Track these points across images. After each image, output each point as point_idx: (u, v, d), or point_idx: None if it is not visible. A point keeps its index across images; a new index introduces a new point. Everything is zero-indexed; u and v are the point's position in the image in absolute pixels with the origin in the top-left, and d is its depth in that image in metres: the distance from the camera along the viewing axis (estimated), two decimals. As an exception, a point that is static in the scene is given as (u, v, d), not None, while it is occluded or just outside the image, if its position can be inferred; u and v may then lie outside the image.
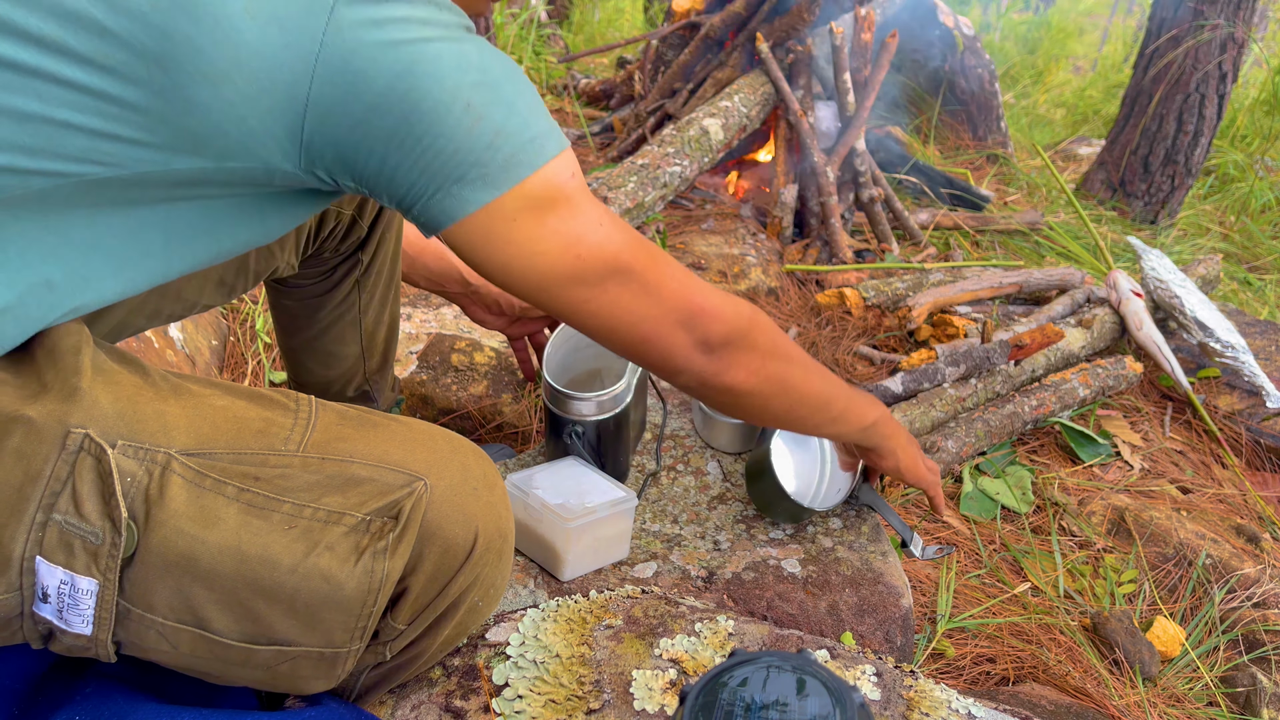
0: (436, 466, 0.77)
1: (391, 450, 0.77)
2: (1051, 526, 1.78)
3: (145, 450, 0.70)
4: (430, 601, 0.81)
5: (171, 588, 0.70)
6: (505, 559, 0.85)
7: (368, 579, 0.73)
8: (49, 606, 0.69)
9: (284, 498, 0.72)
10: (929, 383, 2.02)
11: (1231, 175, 4.33)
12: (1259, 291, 3.42)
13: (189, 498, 0.70)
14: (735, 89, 2.88)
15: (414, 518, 0.74)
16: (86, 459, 0.68)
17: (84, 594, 0.69)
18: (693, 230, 2.76)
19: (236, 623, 0.72)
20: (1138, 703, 1.38)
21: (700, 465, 1.44)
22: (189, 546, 0.69)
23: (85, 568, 0.68)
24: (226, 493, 0.71)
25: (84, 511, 0.68)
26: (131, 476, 0.69)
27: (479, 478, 0.80)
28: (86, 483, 0.68)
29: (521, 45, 4.31)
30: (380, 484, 0.74)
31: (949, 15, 3.96)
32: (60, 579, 0.68)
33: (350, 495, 0.73)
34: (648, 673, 0.97)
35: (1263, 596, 1.60)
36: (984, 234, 3.28)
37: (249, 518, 0.71)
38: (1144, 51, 3.86)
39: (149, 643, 0.73)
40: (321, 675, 0.78)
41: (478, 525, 0.79)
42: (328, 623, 0.73)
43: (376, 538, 0.73)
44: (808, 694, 0.71)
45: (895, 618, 1.20)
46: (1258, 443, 2.17)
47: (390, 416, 0.81)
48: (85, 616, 0.70)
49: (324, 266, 1.23)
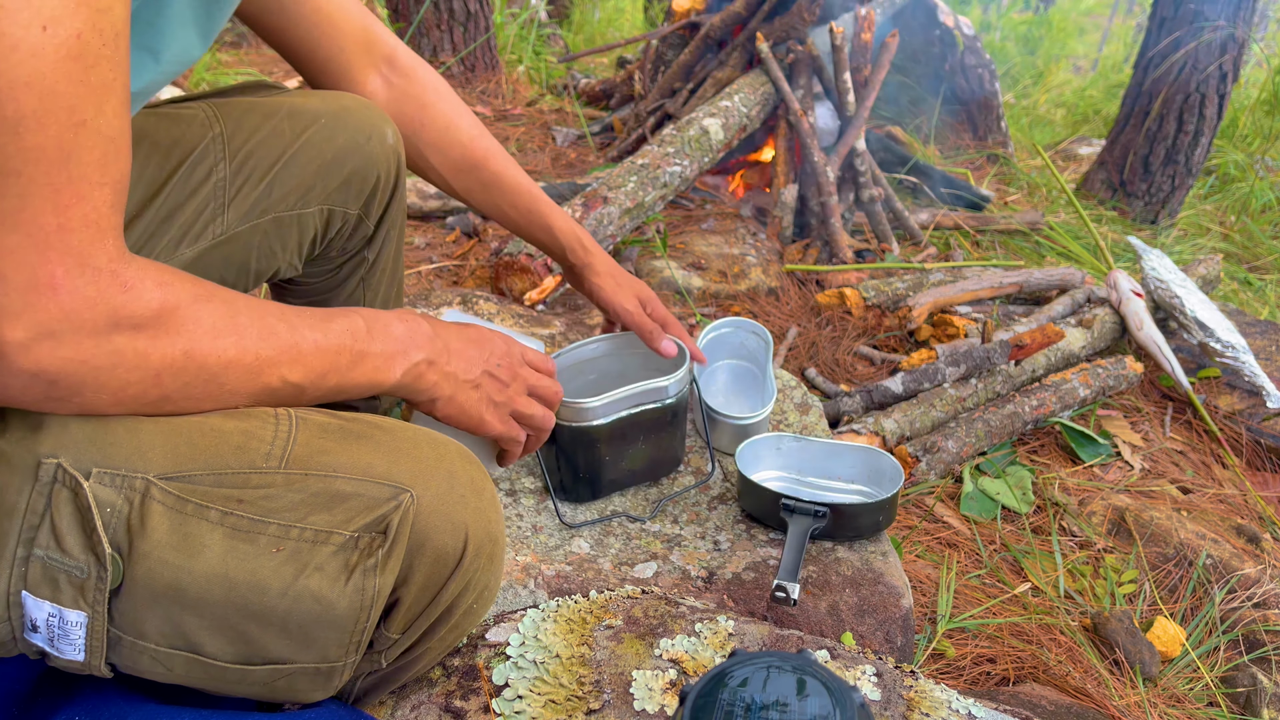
0: (422, 476, 0.76)
1: (375, 462, 0.75)
2: (1052, 526, 1.78)
3: (122, 477, 0.67)
4: (423, 610, 0.81)
5: (161, 616, 0.69)
6: (497, 561, 0.85)
7: (359, 597, 0.72)
8: (40, 636, 0.68)
9: (269, 519, 0.70)
10: (929, 383, 2.02)
11: (1232, 175, 4.33)
12: (1259, 291, 3.42)
13: (171, 526, 0.68)
14: (735, 89, 2.88)
15: (402, 531, 0.73)
16: (62, 491, 0.66)
17: (73, 625, 0.67)
18: (693, 230, 2.76)
19: (230, 645, 0.71)
20: (1138, 703, 1.38)
21: (700, 465, 1.44)
22: (175, 577, 0.68)
23: (73, 601, 0.67)
24: (210, 518, 0.69)
25: (65, 546, 0.66)
26: (111, 507, 0.67)
27: (466, 483, 0.79)
28: (65, 516, 0.66)
29: (521, 45, 4.32)
30: (366, 499, 0.73)
31: (949, 15, 3.96)
32: (48, 612, 0.67)
33: (336, 512, 0.72)
34: (648, 673, 0.97)
35: (1263, 597, 1.60)
36: (984, 234, 3.28)
37: (235, 543, 0.69)
38: (1144, 52, 3.86)
39: (143, 666, 0.72)
40: (319, 687, 0.77)
41: (467, 531, 0.78)
42: (322, 641, 0.73)
43: (366, 555, 0.72)
44: (808, 694, 0.71)
45: (895, 618, 1.20)
46: (1258, 443, 2.17)
47: (373, 424, 0.79)
48: (77, 645, 0.69)
49: (330, 265, 1.22)
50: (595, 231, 2.31)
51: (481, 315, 2.06)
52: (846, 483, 1.38)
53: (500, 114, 3.71)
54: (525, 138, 3.50)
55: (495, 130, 3.51)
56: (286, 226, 1.08)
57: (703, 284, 2.48)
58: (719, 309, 2.44)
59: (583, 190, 2.60)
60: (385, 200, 1.18)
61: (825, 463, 1.39)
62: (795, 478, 1.40)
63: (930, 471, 1.83)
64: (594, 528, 1.30)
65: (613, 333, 1.41)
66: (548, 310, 2.20)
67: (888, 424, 1.87)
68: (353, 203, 1.15)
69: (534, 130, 3.59)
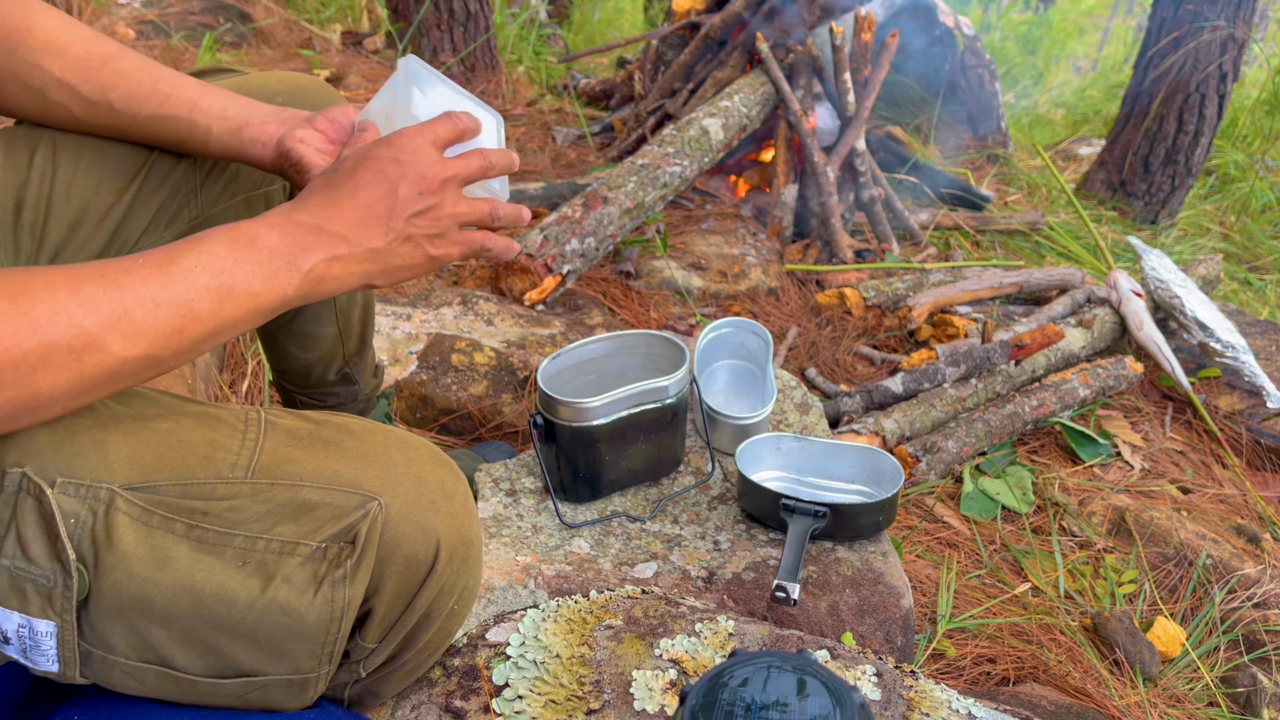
0: (391, 483, 0.74)
1: (343, 470, 0.73)
2: (1052, 527, 1.78)
3: (87, 487, 0.67)
4: (398, 618, 0.79)
5: (129, 629, 0.69)
6: (473, 563, 0.83)
7: (328, 608, 0.71)
8: (12, 648, 0.68)
9: (235, 531, 0.69)
10: (929, 383, 2.02)
11: (1232, 175, 4.33)
12: (1259, 291, 3.42)
13: (137, 538, 0.67)
14: (735, 89, 2.88)
15: (370, 541, 0.72)
16: (27, 500, 0.65)
17: (43, 635, 0.67)
18: (693, 230, 2.76)
19: (200, 659, 0.71)
20: (1138, 703, 1.38)
21: (700, 465, 1.44)
22: (141, 589, 0.67)
23: (41, 610, 0.66)
24: (176, 530, 0.68)
25: (31, 555, 0.65)
26: (75, 517, 0.66)
27: (436, 488, 0.77)
28: (30, 525, 0.65)
29: (521, 45, 4.31)
30: (333, 508, 0.72)
31: (949, 15, 3.96)
32: (18, 623, 0.67)
33: (303, 523, 0.71)
34: (648, 673, 0.97)
35: (1263, 597, 1.60)
36: (984, 234, 3.28)
37: (201, 555, 0.68)
38: (1144, 52, 3.86)
39: (115, 680, 0.72)
40: (293, 699, 0.77)
41: (438, 538, 0.77)
42: (293, 652, 0.72)
43: (334, 565, 0.71)
44: (808, 694, 0.71)
45: (895, 618, 1.20)
46: (1258, 443, 2.17)
47: (343, 429, 0.78)
48: (49, 656, 0.68)
49: None
50: (595, 231, 2.31)
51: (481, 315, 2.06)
52: (846, 483, 1.38)
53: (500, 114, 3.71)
54: (525, 138, 3.50)
55: (495, 130, 3.51)
56: (255, 205, 1.09)
57: (703, 284, 2.48)
58: (719, 309, 2.44)
59: (583, 190, 2.60)
60: None
61: (825, 463, 1.39)
62: (795, 478, 1.40)
63: (930, 471, 1.83)
64: (594, 528, 1.30)
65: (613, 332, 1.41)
66: (548, 310, 2.20)
67: (888, 424, 1.87)
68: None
69: (534, 130, 3.59)
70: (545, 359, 1.32)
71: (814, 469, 1.40)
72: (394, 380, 1.78)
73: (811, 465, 1.40)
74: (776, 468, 1.40)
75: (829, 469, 1.39)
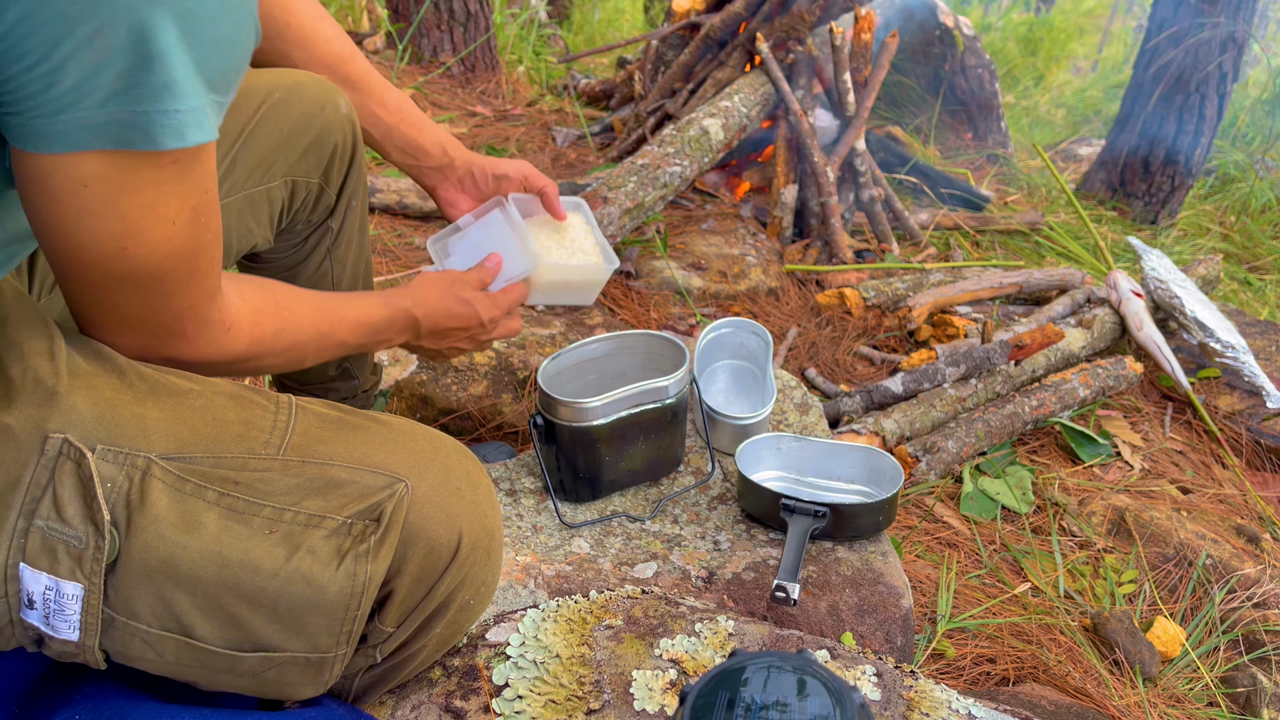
0: (418, 468, 0.77)
1: (371, 452, 0.77)
2: (1052, 527, 1.78)
3: (125, 455, 0.70)
4: (418, 603, 0.81)
5: (154, 594, 0.70)
6: (494, 557, 0.85)
7: (350, 582, 0.73)
8: (35, 613, 0.69)
9: (264, 502, 0.72)
10: (929, 383, 2.02)
11: (1232, 175, 4.33)
12: (1259, 291, 3.42)
13: (170, 503, 0.70)
14: (735, 89, 2.88)
15: (395, 519, 0.74)
16: (66, 464, 0.68)
17: (69, 599, 0.69)
18: (693, 230, 2.76)
19: (220, 629, 0.72)
20: (1138, 703, 1.38)
21: (700, 465, 1.44)
22: (170, 552, 0.69)
23: (70, 572, 0.68)
24: (207, 497, 0.71)
25: (66, 516, 0.68)
26: (112, 481, 0.69)
27: (461, 477, 0.80)
28: (67, 487, 0.68)
29: (521, 45, 4.32)
30: (361, 486, 0.74)
31: (949, 15, 3.96)
32: (45, 584, 0.68)
33: (331, 498, 0.73)
34: (648, 673, 0.97)
35: (1263, 597, 1.60)
36: (984, 234, 3.28)
37: (230, 522, 0.71)
38: (1144, 52, 3.86)
39: (135, 651, 0.73)
40: (309, 681, 0.77)
41: (462, 525, 0.79)
42: (312, 627, 0.73)
43: (358, 540, 0.73)
44: (808, 694, 0.71)
45: (895, 618, 1.20)
46: (1258, 443, 2.17)
47: (371, 416, 0.81)
48: (71, 622, 0.70)
49: (296, 239, 1.23)
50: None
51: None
52: (846, 483, 1.38)
53: (500, 114, 3.71)
54: (525, 138, 3.50)
55: (495, 130, 3.51)
56: (257, 202, 1.10)
57: (703, 284, 2.48)
58: (719, 309, 2.44)
59: (583, 190, 2.60)
60: (345, 168, 1.19)
61: (825, 463, 1.39)
62: (795, 478, 1.40)
63: (930, 471, 1.83)
64: (594, 528, 1.30)
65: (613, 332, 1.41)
66: (547, 310, 2.20)
67: (888, 424, 1.87)
68: (314, 172, 1.16)
69: (534, 130, 3.59)
70: (545, 359, 1.32)
71: (814, 469, 1.40)
72: (394, 380, 1.78)
73: (811, 465, 1.40)
74: (776, 468, 1.40)
75: (829, 469, 1.39)
